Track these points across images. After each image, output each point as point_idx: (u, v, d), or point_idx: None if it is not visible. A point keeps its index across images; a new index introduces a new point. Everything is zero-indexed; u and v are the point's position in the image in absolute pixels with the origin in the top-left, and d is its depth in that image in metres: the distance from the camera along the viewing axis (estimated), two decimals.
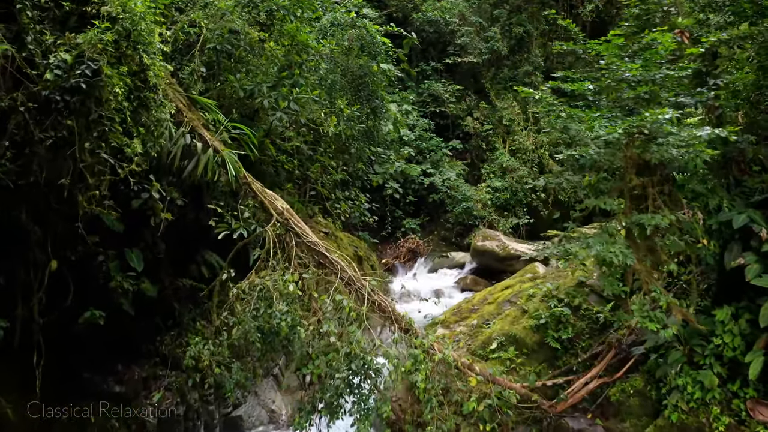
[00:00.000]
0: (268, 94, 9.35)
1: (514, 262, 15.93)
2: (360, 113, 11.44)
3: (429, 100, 22.71)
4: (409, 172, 19.76)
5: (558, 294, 8.48)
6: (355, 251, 14.03)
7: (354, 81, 11.60)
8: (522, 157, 22.75)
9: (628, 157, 7.20)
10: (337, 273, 7.47)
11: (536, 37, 24.51)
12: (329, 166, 14.85)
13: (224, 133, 8.85)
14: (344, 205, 15.43)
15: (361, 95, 11.70)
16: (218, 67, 10.45)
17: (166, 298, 9.28)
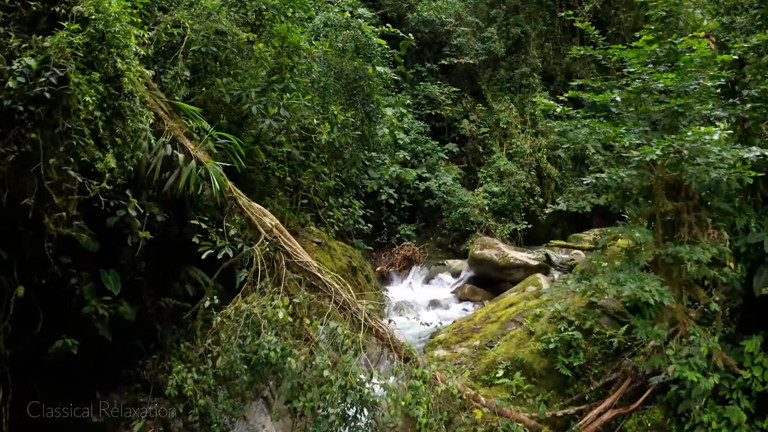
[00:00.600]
0: (256, 99, 8.74)
1: (513, 271, 15.37)
2: (354, 119, 10.83)
3: (424, 102, 22.15)
4: (405, 176, 19.20)
5: (568, 316, 7.90)
6: (349, 262, 13.43)
7: (348, 84, 11.00)
8: (519, 161, 22.22)
9: (658, 178, 6.53)
10: (331, 296, 6.87)
11: (534, 38, 23.98)
12: (322, 172, 14.26)
13: (209, 143, 8.25)
14: (337, 212, 14.85)
15: (356, 99, 11.09)
16: (205, 71, 9.85)
17: (148, 320, 8.65)
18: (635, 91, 7.06)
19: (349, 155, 13.90)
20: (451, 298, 15.62)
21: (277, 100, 8.69)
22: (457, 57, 22.70)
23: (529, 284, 13.05)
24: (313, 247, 12.68)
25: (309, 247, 12.59)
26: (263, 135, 11.17)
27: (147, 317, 8.66)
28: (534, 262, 15.35)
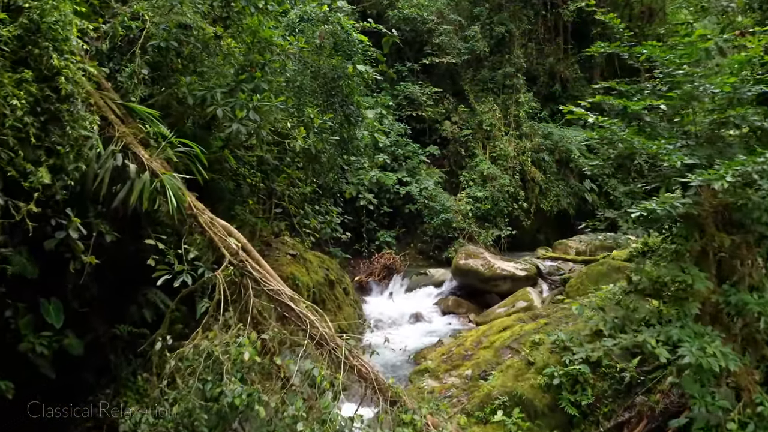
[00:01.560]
0: (223, 101, 7.78)
1: (500, 282, 14.54)
2: (333, 122, 9.89)
3: (405, 103, 21.26)
4: (384, 180, 18.32)
5: (572, 346, 7.06)
6: (326, 275, 12.51)
7: (326, 84, 10.07)
8: (503, 164, 21.45)
9: (711, 205, 5.52)
10: (306, 330, 5.95)
11: (518, 37, 23.20)
12: (297, 178, 13.33)
13: (168, 150, 7.27)
14: (314, 220, 13.91)
15: (334, 101, 10.16)
16: (168, 69, 8.87)
17: (100, 349, 7.68)
18: (683, 97, 6.03)
19: (327, 160, 13.00)
20: (434, 311, 14.75)
21: (246, 102, 7.74)
22: (439, 56, 21.85)
23: (519, 299, 12.25)
24: (287, 260, 11.76)
25: (283, 260, 11.68)
26: (233, 139, 10.24)
27: (99, 347, 7.71)
28: (521, 272, 14.54)
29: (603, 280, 10.85)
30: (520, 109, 22.37)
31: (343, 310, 12.61)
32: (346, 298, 13.08)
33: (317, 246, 15.38)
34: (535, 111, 23.72)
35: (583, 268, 11.27)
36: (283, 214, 13.34)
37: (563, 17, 25.25)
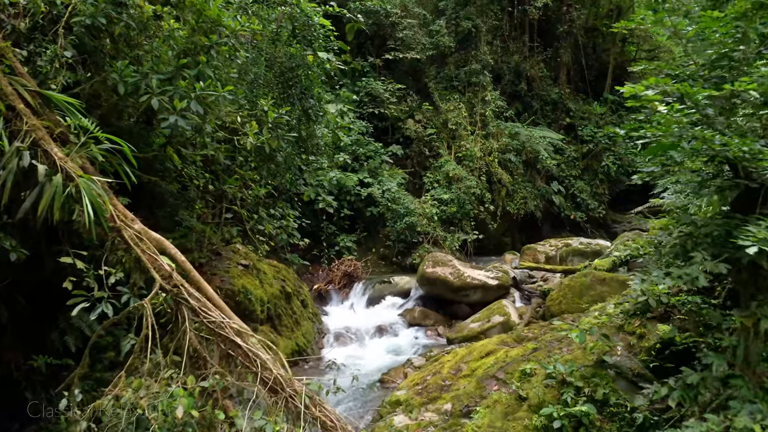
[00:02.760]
0: (159, 89, 6.55)
1: (470, 292, 13.53)
2: (290, 116, 8.71)
3: (366, 100, 20.12)
4: (345, 182, 17.18)
5: (573, 380, 6.02)
6: (282, 287, 11.32)
7: (283, 74, 8.88)
8: (469, 165, 20.52)
9: None
10: (257, 372, 4.77)
11: (484, 33, 22.27)
12: (251, 179, 12.12)
13: (93, 147, 6.02)
14: (269, 226, 12.72)
15: (292, 92, 8.97)
16: (99, 53, 7.61)
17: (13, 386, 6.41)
18: None
19: (284, 159, 11.83)
20: (400, 323, 13.66)
21: (187, 91, 6.52)
22: (403, 51, 20.78)
23: (494, 312, 11.25)
24: (238, 271, 10.54)
25: (234, 272, 10.46)
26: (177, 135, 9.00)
27: (12, 383, 6.44)
28: (493, 281, 13.55)
29: (587, 293, 9.92)
30: (487, 108, 21.47)
31: (301, 326, 11.44)
32: (304, 311, 11.91)
33: (273, 253, 14.17)
34: (502, 110, 22.86)
35: (565, 279, 10.33)
36: (235, 219, 12.14)
37: (529, 14, 24.46)
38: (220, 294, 10.06)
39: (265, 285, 10.79)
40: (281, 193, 14.40)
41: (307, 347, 11.28)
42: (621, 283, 9.96)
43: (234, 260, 10.84)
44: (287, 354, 10.74)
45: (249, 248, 11.65)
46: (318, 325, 12.40)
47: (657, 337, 6.14)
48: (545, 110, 25.35)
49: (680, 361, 6.02)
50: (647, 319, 6.39)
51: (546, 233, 22.92)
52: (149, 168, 9.53)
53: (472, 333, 11.00)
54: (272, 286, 10.96)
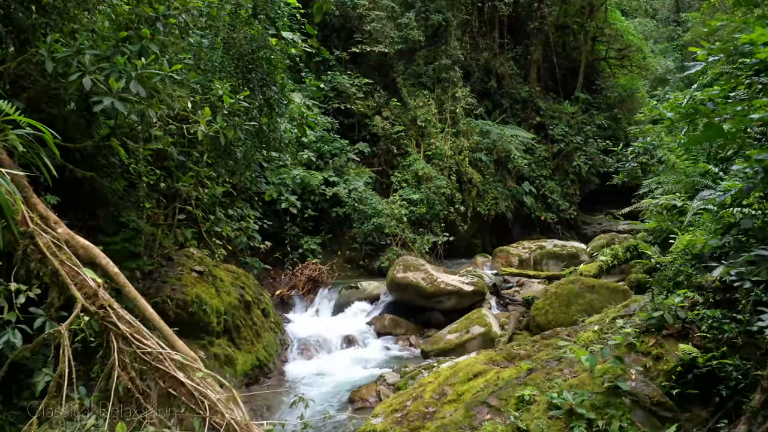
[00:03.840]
0: (94, 66, 5.51)
1: (443, 298, 12.68)
2: (250, 104, 7.68)
3: (332, 94, 19.13)
4: (309, 180, 16.15)
5: (584, 411, 5.14)
6: (241, 294, 10.29)
7: (242, 58, 7.87)
8: (439, 164, 19.69)
9: None
10: (206, 417, 3.78)
11: (455, 28, 21.45)
12: (207, 176, 11.07)
13: (10, 135, 4.96)
14: (227, 228, 11.67)
15: (252, 78, 7.94)
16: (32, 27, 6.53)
17: None
18: None
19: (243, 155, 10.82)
20: (369, 332, 12.73)
21: (126, 69, 5.48)
22: (370, 45, 19.84)
23: (473, 323, 10.39)
24: (192, 279, 9.50)
25: (187, 279, 9.41)
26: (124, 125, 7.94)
27: None
28: (468, 287, 12.71)
29: (576, 301, 9.11)
30: (457, 105, 20.67)
31: (263, 337, 10.43)
32: (265, 321, 10.90)
33: (231, 257, 13.13)
34: (472, 107, 22.10)
35: (551, 286, 9.50)
36: (189, 220, 11.10)
37: (499, 11, 23.80)
38: (170, 305, 9.05)
39: (222, 293, 9.76)
40: (240, 193, 13.36)
41: (269, 361, 10.28)
42: (611, 290, 9.18)
43: (187, 266, 9.79)
44: (247, 369, 9.74)
45: (204, 252, 10.60)
46: (281, 336, 11.39)
47: (677, 359, 5.31)
48: (515, 109, 24.71)
49: (705, 386, 5.22)
50: (663, 337, 5.56)
51: (516, 235, 22.26)
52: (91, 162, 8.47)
53: (450, 345, 10.12)
54: (230, 294, 9.93)
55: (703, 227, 6.68)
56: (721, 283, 5.93)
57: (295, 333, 12.30)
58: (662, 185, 11.28)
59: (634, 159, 12.73)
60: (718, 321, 5.47)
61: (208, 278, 9.78)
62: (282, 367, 10.65)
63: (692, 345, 5.40)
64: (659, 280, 6.29)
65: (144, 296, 9.02)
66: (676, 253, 6.50)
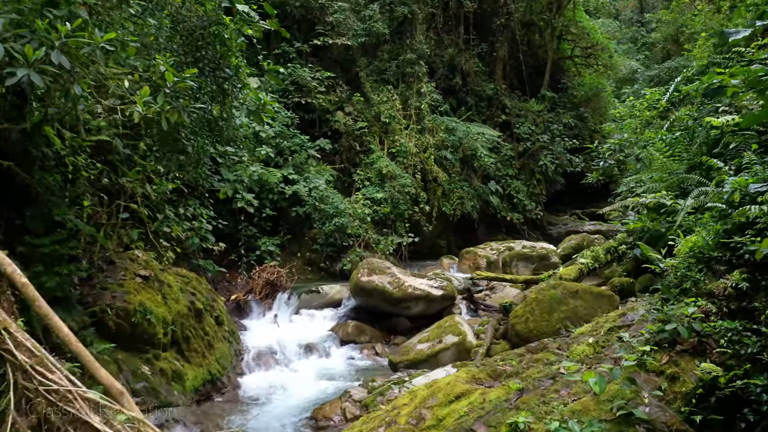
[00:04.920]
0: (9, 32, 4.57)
1: (411, 303, 11.91)
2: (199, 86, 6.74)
3: (292, 88, 18.20)
4: (267, 178, 15.19)
5: None
6: (192, 301, 9.35)
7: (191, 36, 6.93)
8: (403, 162, 18.93)
9: None
10: None
11: (420, 22, 20.72)
12: (153, 171, 10.12)
13: None
14: (176, 228, 10.72)
15: (202, 58, 6.99)
16: None
17: None
18: None
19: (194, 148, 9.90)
20: (331, 340, 11.88)
21: (48, 37, 4.56)
22: (332, 37, 18.95)
23: (446, 331, 9.62)
24: (136, 285, 8.52)
25: (130, 285, 8.44)
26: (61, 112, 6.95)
27: None
28: (437, 291, 11.97)
29: (558, 308, 8.40)
30: (422, 101, 19.92)
31: (215, 348, 9.50)
32: (218, 330, 9.96)
33: (183, 260, 12.16)
34: (437, 104, 21.41)
35: (531, 292, 8.77)
36: (135, 219, 10.14)
37: (464, 6, 23.16)
38: (110, 315, 8.06)
39: (170, 301, 8.81)
40: (193, 190, 12.39)
41: (222, 374, 9.35)
42: (596, 296, 8.50)
43: (131, 270, 8.82)
44: (198, 385, 8.79)
45: (151, 255, 9.62)
46: (236, 346, 10.46)
47: (695, 379, 4.60)
48: (480, 106, 24.14)
49: (729, 410, 4.52)
50: (677, 353, 4.84)
51: (482, 235, 21.67)
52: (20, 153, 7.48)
53: (421, 356, 9.33)
54: (179, 301, 8.97)
55: (707, 227, 6.00)
56: (734, 290, 5.26)
57: (251, 342, 11.37)
58: (643, 183, 10.70)
59: (611, 156, 12.14)
60: (738, 334, 4.79)
61: (154, 284, 8.81)
62: (237, 381, 9.72)
63: (710, 362, 4.70)
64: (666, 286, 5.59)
65: (81, 305, 8.14)
66: (680, 257, 5.81)
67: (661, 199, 8.45)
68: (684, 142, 9.75)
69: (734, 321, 4.91)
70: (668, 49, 24.04)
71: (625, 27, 34.47)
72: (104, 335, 8.05)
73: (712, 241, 5.68)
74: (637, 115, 12.35)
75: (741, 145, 7.03)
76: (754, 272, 5.28)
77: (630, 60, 29.45)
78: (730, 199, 5.77)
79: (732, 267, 5.51)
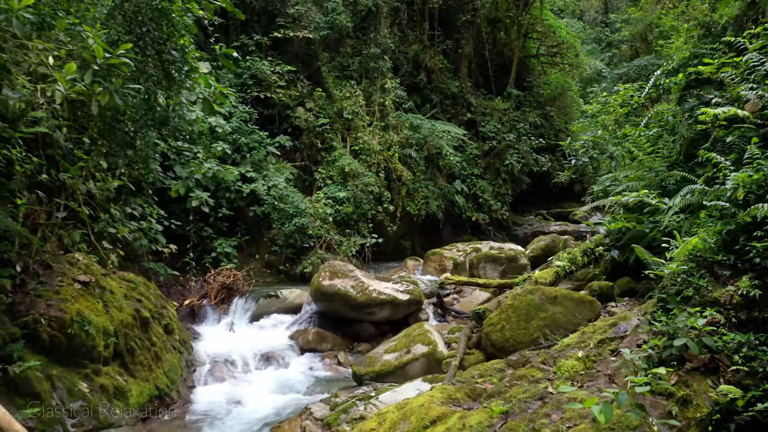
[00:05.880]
0: None
1: (376, 309, 11.25)
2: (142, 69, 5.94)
3: (251, 82, 17.37)
4: (224, 176, 14.33)
5: None
6: (137, 309, 8.53)
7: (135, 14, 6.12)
8: (367, 160, 18.25)
9: None
10: None
11: (386, 15, 20.05)
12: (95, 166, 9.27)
13: None
14: (123, 228, 9.88)
15: (144, 35, 6.17)
16: None
17: None
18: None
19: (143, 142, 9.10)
20: (290, 348, 11.14)
21: None
22: (294, 30, 18.17)
23: (415, 341, 8.95)
24: (74, 291, 7.70)
25: (67, 292, 7.62)
26: None
27: None
28: (404, 296, 11.33)
29: (537, 315, 7.80)
30: (386, 97, 19.26)
31: (164, 360, 8.68)
32: (168, 339, 9.15)
33: (133, 262, 11.32)
34: (402, 100, 20.78)
35: (507, 298, 8.16)
36: (77, 218, 9.29)
37: (429, 2, 22.60)
38: (43, 325, 7.21)
39: (112, 309, 7.98)
40: (143, 188, 11.52)
41: (171, 389, 8.56)
42: (577, 302, 7.92)
43: (70, 275, 7.98)
44: (144, 401, 7.98)
45: (93, 259, 8.77)
46: (187, 356, 9.66)
47: (710, 402, 4.01)
48: (445, 104, 23.59)
49: None
50: (686, 372, 4.25)
51: (447, 236, 21.13)
52: None
53: (388, 368, 8.64)
54: (122, 309, 8.15)
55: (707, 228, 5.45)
56: (742, 298, 4.70)
57: (205, 350, 10.56)
58: (618, 182, 10.21)
59: (585, 153, 11.63)
60: (754, 348, 4.21)
61: (95, 290, 7.98)
62: (188, 395, 8.92)
63: (725, 381, 4.12)
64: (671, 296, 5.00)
65: (11, 315, 7.29)
66: (679, 261, 5.23)
67: (644, 198, 7.92)
68: (665, 138, 9.27)
69: (747, 334, 4.35)
70: (637, 47, 23.81)
71: (589, 27, 34.32)
72: (37, 348, 7.21)
73: (714, 243, 5.11)
74: (610, 111, 11.86)
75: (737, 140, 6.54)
76: (763, 277, 4.73)
77: (595, 60, 29.21)
78: (733, 196, 5.21)
79: (737, 272, 4.96)
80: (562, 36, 25.36)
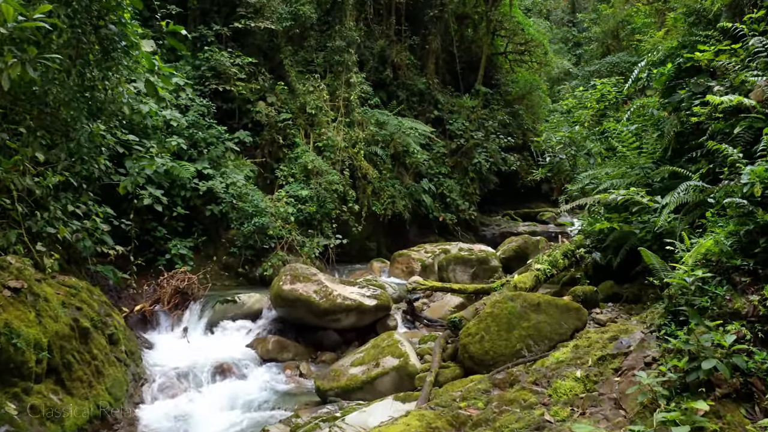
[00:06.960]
0: None
1: (341, 315, 10.51)
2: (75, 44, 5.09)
3: (209, 75, 16.44)
4: (178, 172, 13.38)
5: None
6: (76, 318, 7.64)
7: None
8: (331, 157, 17.49)
9: None
10: None
11: (351, 8, 19.30)
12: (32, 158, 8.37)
13: None
14: (63, 228, 8.98)
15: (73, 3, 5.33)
16: None
17: None
18: None
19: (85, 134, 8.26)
20: (249, 358, 10.33)
21: None
22: (255, 20, 17.29)
23: (385, 352, 8.23)
24: (2, 299, 6.79)
25: None
26: None
27: None
28: (370, 301, 10.62)
29: (519, 324, 7.14)
30: (351, 92, 18.51)
31: (106, 375, 7.81)
32: (112, 350, 8.27)
33: (76, 266, 10.38)
34: (367, 96, 20.05)
35: (486, 306, 7.47)
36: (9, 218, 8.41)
37: None
38: None
39: (46, 319, 7.09)
40: (88, 184, 10.58)
41: (115, 407, 7.69)
42: (561, 309, 7.28)
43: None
44: (82, 423, 7.10)
45: (27, 262, 7.85)
46: (134, 369, 8.79)
47: None
48: (412, 101, 22.95)
49: None
50: (716, 400, 3.59)
51: (413, 237, 20.49)
52: None
53: (355, 383, 7.89)
54: (58, 319, 7.27)
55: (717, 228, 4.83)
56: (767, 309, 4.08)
57: (156, 362, 9.71)
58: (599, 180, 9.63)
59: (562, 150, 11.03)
60: None
61: (27, 298, 7.09)
62: (134, 413, 8.05)
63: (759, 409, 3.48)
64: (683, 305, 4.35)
65: None
66: (688, 266, 4.59)
67: (634, 197, 7.32)
68: (649, 133, 8.71)
69: None
70: (608, 44, 23.48)
71: (556, 27, 34.04)
72: None
73: (731, 246, 4.49)
74: (587, 106, 11.31)
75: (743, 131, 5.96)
76: None
77: (563, 60, 28.89)
78: (749, 192, 4.59)
79: (758, 279, 4.33)
80: (531, 33, 24.91)
